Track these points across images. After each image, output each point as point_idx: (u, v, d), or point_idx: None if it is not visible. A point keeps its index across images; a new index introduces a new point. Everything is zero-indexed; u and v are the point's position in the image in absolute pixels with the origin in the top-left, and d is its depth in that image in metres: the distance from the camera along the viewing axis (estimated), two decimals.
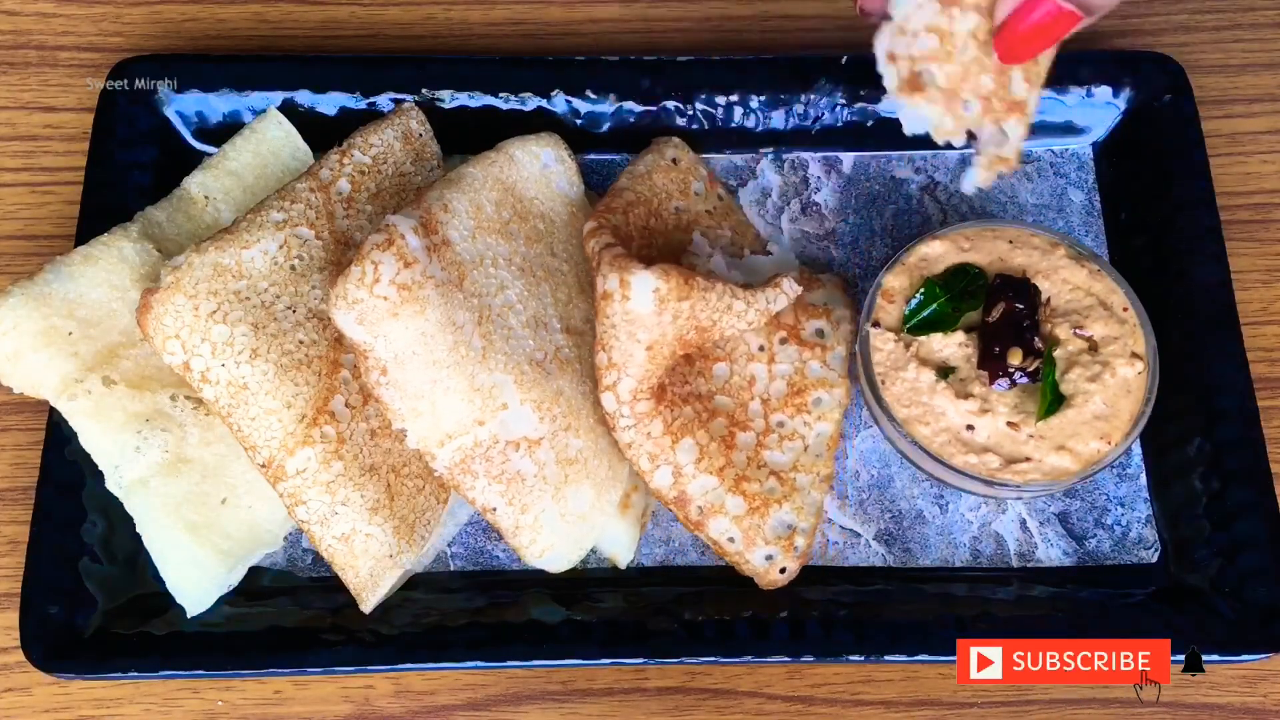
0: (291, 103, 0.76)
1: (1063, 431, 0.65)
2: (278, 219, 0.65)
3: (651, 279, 0.60)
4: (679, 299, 0.61)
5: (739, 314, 0.65)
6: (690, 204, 0.74)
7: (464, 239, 0.64)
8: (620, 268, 0.61)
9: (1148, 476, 0.71)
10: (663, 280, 0.60)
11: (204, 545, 0.63)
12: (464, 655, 0.63)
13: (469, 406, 0.61)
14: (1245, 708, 0.67)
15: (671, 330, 0.62)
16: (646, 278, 0.60)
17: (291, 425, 0.61)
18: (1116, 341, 0.66)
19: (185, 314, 0.61)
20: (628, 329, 0.62)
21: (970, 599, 0.66)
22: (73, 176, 0.77)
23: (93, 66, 0.82)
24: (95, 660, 0.63)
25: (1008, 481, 0.64)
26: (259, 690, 0.67)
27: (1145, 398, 0.65)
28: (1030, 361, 0.65)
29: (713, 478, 0.65)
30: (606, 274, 0.61)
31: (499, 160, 0.69)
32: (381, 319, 0.58)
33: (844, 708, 0.67)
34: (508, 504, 0.62)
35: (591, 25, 0.85)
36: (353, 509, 0.62)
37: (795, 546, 0.66)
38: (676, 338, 0.63)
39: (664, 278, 0.60)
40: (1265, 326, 0.76)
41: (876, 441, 0.72)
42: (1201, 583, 0.67)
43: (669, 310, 0.61)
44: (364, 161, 0.69)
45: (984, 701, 0.67)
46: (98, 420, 0.63)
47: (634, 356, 0.62)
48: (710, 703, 0.67)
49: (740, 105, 0.77)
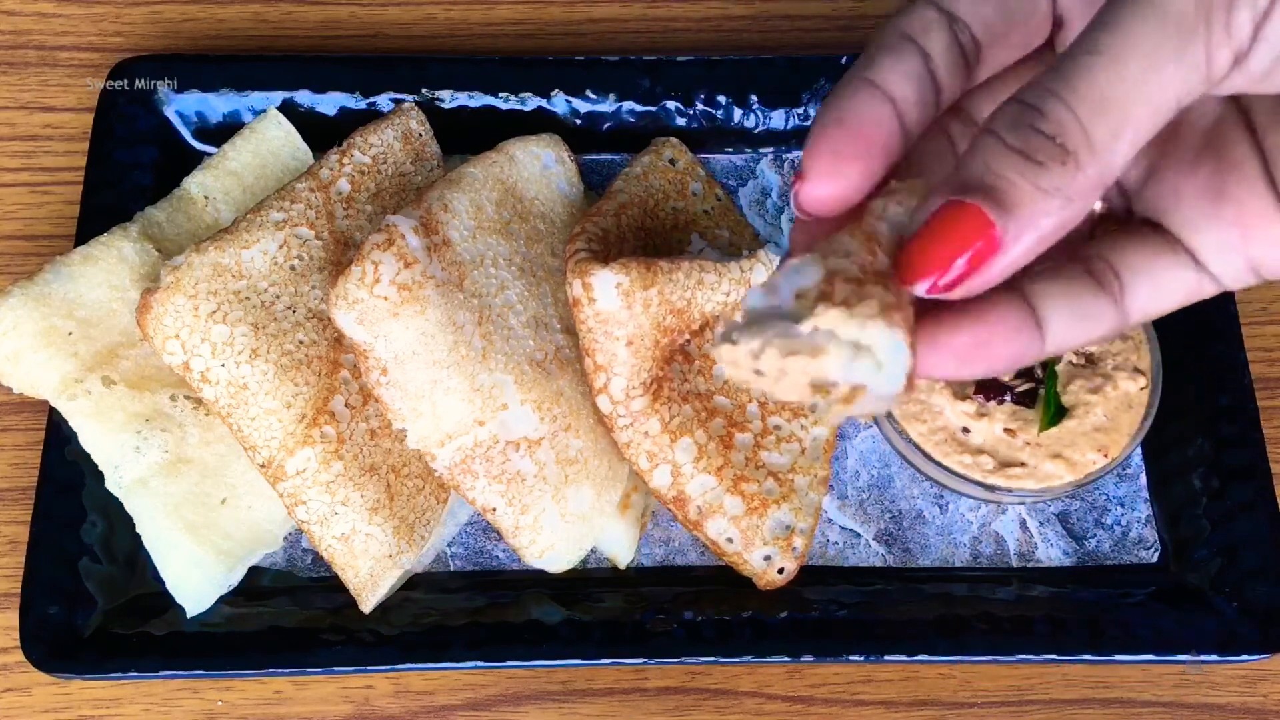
0: (291, 103, 0.76)
1: (1060, 440, 0.65)
2: (277, 219, 0.65)
3: (611, 275, 0.60)
4: (644, 287, 0.61)
5: (711, 286, 0.64)
6: (688, 204, 0.74)
7: (464, 239, 0.64)
8: (580, 271, 0.61)
9: (1148, 476, 0.71)
10: (623, 274, 0.60)
11: (204, 545, 0.63)
12: (464, 655, 0.63)
13: (469, 406, 0.61)
14: (1245, 708, 0.67)
15: (647, 320, 0.62)
16: (606, 275, 0.60)
17: (291, 425, 0.61)
18: (1119, 355, 0.66)
19: (185, 314, 0.61)
20: (603, 329, 0.62)
21: (970, 599, 0.66)
22: (72, 176, 0.77)
23: (92, 66, 0.82)
24: (95, 660, 0.63)
25: (1000, 485, 0.64)
26: (259, 690, 0.67)
27: (1145, 413, 0.65)
28: (1021, 382, 0.65)
29: (711, 477, 0.65)
30: (570, 280, 0.61)
31: (500, 160, 0.69)
32: (382, 319, 0.58)
33: (844, 708, 0.67)
34: (508, 504, 0.62)
35: (591, 25, 0.85)
36: (353, 509, 0.62)
37: (794, 547, 0.66)
38: (655, 326, 0.63)
39: (624, 270, 0.60)
40: (1265, 326, 0.76)
41: (876, 442, 0.72)
42: (1201, 583, 0.67)
43: (637, 301, 0.61)
44: (364, 161, 0.69)
45: (984, 701, 0.67)
46: (97, 420, 0.63)
47: (617, 355, 0.62)
48: (710, 703, 0.67)
49: (740, 105, 0.77)
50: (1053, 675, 0.68)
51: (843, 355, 0.36)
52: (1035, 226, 0.37)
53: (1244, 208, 0.42)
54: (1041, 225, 0.37)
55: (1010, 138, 0.37)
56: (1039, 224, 0.37)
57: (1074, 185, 0.36)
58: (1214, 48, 0.35)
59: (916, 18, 0.44)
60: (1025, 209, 0.37)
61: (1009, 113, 0.37)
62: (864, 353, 0.36)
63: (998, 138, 0.37)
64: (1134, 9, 0.35)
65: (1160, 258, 0.43)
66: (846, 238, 0.39)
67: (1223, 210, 0.42)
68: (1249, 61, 0.36)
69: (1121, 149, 0.36)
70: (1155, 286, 0.43)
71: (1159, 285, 0.43)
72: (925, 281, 0.38)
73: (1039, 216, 0.37)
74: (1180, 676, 0.68)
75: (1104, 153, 0.36)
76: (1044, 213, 0.37)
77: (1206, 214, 0.42)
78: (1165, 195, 0.44)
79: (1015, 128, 0.36)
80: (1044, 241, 0.38)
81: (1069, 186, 0.36)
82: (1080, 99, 0.36)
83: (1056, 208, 0.37)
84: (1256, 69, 0.37)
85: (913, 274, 0.38)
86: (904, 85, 0.41)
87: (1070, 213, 0.37)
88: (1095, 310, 0.42)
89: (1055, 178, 0.36)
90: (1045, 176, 0.36)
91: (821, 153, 0.41)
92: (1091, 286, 0.42)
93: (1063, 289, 0.42)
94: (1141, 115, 0.36)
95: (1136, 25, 0.35)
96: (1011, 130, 0.37)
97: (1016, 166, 0.36)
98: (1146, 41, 0.35)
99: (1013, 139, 0.37)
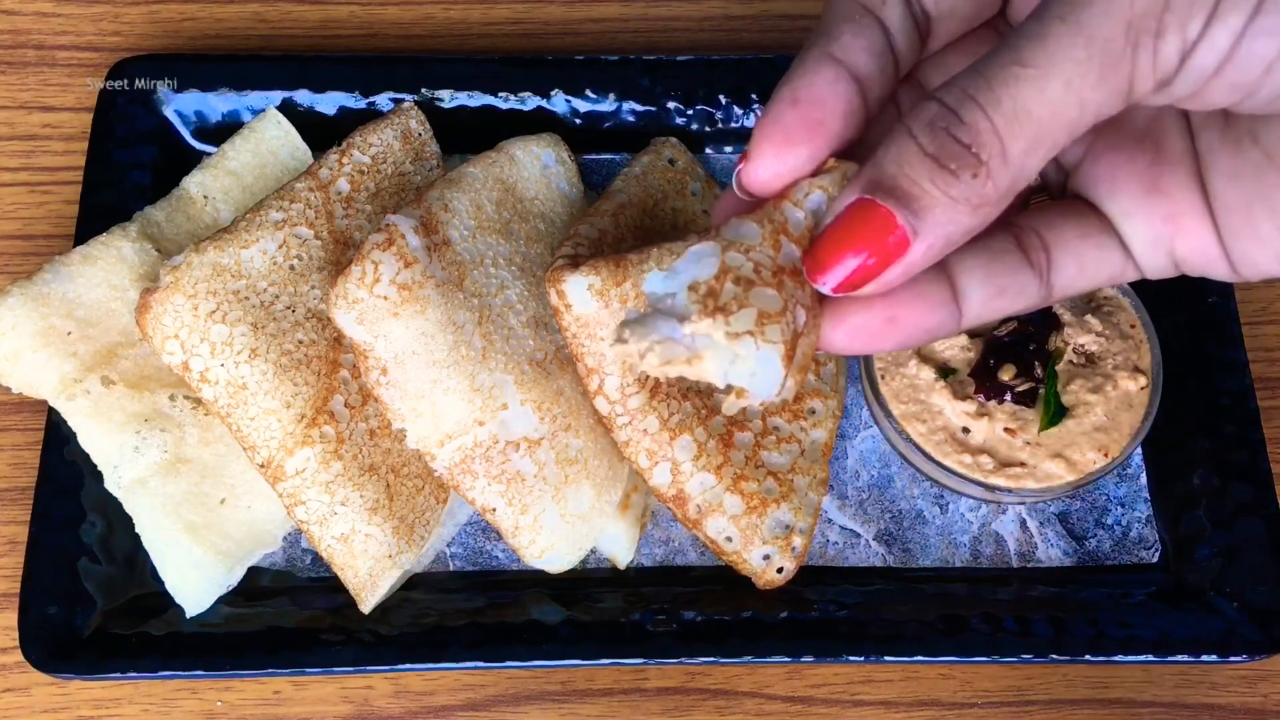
0: (290, 102, 0.76)
1: (1060, 440, 0.65)
2: (277, 219, 0.65)
3: (581, 278, 0.60)
4: (617, 284, 0.61)
5: None
6: (687, 204, 0.74)
7: (464, 239, 0.64)
8: (554, 280, 0.61)
9: (1148, 476, 0.71)
10: (593, 275, 0.60)
11: (203, 545, 0.63)
12: (463, 655, 0.63)
13: (469, 406, 0.61)
14: (1245, 708, 0.67)
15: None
16: (576, 279, 0.60)
17: (290, 425, 0.61)
18: (1120, 355, 0.66)
19: (184, 314, 0.61)
20: (586, 332, 0.62)
21: (970, 599, 0.66)
22: (72, 176, 0.77)
23: (91, 66, 0.82)
24: (94, 660, 0.63)
25: (1000, 485, 0.64)
26: (258, 690, 0.67)
27: (1146, 413, 0.65)
28: (1021, 382, 0.65)
29: (711, 475, 0.65)
30: (547, 290, 0.61)
31: (500, 160, 0.68)
32: (382, 318, 0.58)
33: (844, 708, 0.67)
34: (508, 504, 0.62)
35: (591, 25, 0.85)
36: (352, 509, 0.62)
37: (793, 547, 0.66)
38: None
39: (593, 272, 0.60)
40: (1265, 326, 0.76)
41: (876, 442, 0.72)
42: (1201, 583, 0.67)
43: (613, 298, 0.61)
44: (363, 161, 0.69)
45: (984, 702, 0.67)
46: (97, 420, 0.63)
47: (605, 355, 0.62)
48: (710, 703, 0.67)
49: (740, 105, 0.77)
50: (1053, 675, 0.68)
51: (719, 361, 0.37)
52: (943, 233, 0.37)
53: (1175, 204, 0.42)
54: (949, 232, 0.37)
55: (927, 141, 0.37)
56: (947, 231, 0.37)
57: (984, 195, 0.37)
58: (1138, 75, 0.36)
59: None
60: (934, 215, 0.37)
61: (928, 113, 0.37)
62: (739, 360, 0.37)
63: (914, 140, 0.37)
64: (1064, 27, 0.35)
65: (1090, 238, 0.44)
66: (755, 226, 0.40)
67: (1155, 203, 0.43)
68: (1173, 86, 0.37)
69: (1033, 163, 0.37)
70: (1081, 266, 0.44)
71: (1084, 264, 0.44)
72: (828, 277, 0.39)
73: (947, 224, 0.37)
74: (1180, 676, 0.68)
75: (1016, 165, 0.37)
76: (952, 220, 0.37)
77: (1140, 203, 0.43)
78: (1102, 178, 0.44)
79: (933, 131, 0.37)
80: (950, 245, 0.38)
81: (978, 195, 0.37)
82: (1000, 110, 0.36)
83: (965, 215, 0.37)
84: (1181, 92, 0.37)
85: (818, 269, 0.39)
86: (867, 60, 0.41)
87: (978, 220, 0.38)
88: (1018, 284, 0.43)
89: (966, 187, 0.37)
90: (957, 186, 0.37)
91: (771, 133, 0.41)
92: (1017, 260, 0.43)
93: (986, 262, 0.42)
94: (1058, 131, 0.36)
95: (1064, 47, 0.35)
96: (929, 133, 0.37)
97: (930, 173, 0.37)
98: (1071, 64, 0.35)
99: (929, 143, 0.37)
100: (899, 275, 0.39)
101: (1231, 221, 0.42)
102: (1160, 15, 0.35)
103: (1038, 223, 0.44)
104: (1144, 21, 0.35)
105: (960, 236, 0.38)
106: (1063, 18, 0.35)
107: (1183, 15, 0.35)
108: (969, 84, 0.37)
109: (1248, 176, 0.41)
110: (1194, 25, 0.35)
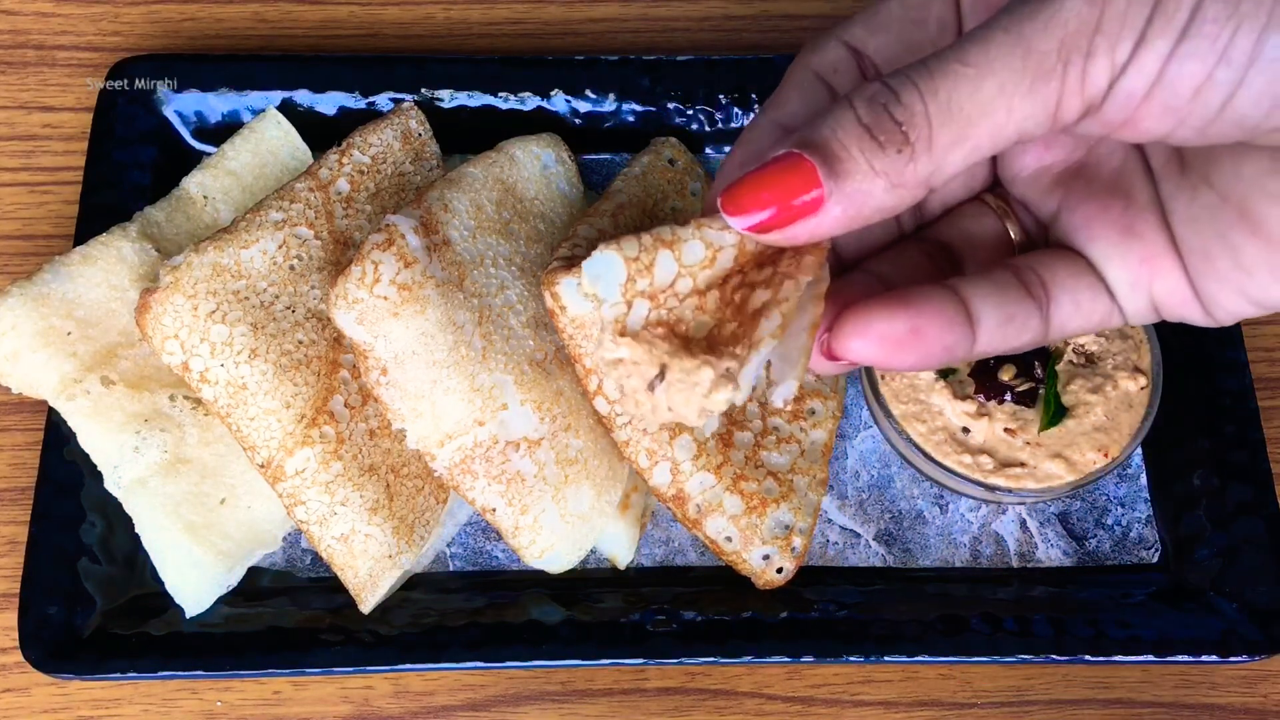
0: (290, 102, 0.76)
1: (1060, 440, 0.65)
2: (277, 219, 0.65)
3: (573, 280, 0.60)
4: None
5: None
6: (687, 204, 0.74)
7: (464, 239, 0.64)
8: (549, 281, 0.61)
9: (1148, 476, 0.71)
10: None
11: (203, 545, 0.63)
12: (463, 656, 0.63)
13: (469, 406, 0.61)
14: (1245, 708, 0.67)
15: None
16: (569, 281, 0.60)
17: (290, 425, 0.61)
18: (1120, 355, 0.66)
19: (184, 314, 0.61)
20: (582, 334, 0.61)
21: (970, 599, 0.66)
22: (71, 176, 0.77)
23: (91, 66, 0.82)
24: (94, 661, 0.63)
25: (1000, 485, 0.64)
26: (258, 691, 0.67)
27: (1146, 413, 0.65)
28: (1021, 382, 0.65)
29: (710, 475, 0.65)
30: (542, 293, 0.61)
31: (500, 160, 0.68)
32: (382, 319, 0.58)
33: (844, 708, 0.67)
34: (507, 504, 0.62)
35: (591, 25, 0.85)
36: (352, 509, 0.62)
37: (793, 547, 0.66)
38: None
39: None
40: (1265, 326, 0.76)
41: (876, 442, 0.72)
42: (1201, 583, 0.67)
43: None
44: (363, 161, 0.69)
45: (984, 702, 0.67)
46: (96, 420, 0.63)
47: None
48: (710, 703, 0.67)
49: (740, 105, 0.77)
50: (1053, 675, 0.68)
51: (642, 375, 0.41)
52: (856, 201, 0.39)
53: (1149, 246, 0.45)
54: (861, 202, 0.39)
55: (864, 112, 0.39)
56: (859, 201, 0.39)
57: (903, 175, 0.39)
58: (1066, 93, 0.37)
59: (827, 55, 0.47)
60: (853, 181, 0.39)
61: (870, 90, 0.39)
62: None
63: (853, 109, 0.39)
64: (1006, 37, 0.37)
65: (1083, 278, 0.46)
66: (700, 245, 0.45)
67: (1131, 245, 0.45)
68: (1103, 111, 0.38)
69: (955, 159, 0.39)
70: (1077, 304, 0.46)
71: (1080, 302, 0.46)
72: (743, 218, 0.41)
73: (863, 194, 0.39)
74: (1180, 676, 0.68)
75: (939, 155, 0.38)
76: (868, 191, 0.39)
77: (1118, 246, 0.45)
78: (1080, 225, 0.46)
79: (871, 105, 0.39)
80: (858, 220, 0.40)
81: (898, 174, 0.39)
82: (936, 100, 0.38)
83: (880, 189, 0.39)
84: (1114, 118, 0.38)
85: (736, 209, 0.41)
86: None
87: (891, 200, 0.39)
88: (1023, 316, 0.45)
89: (889, 162, 0.38)
90: (881, 158, 0.39)
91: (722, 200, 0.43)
92: (1021, 293, 0.45)
93: (995, 290, 0.44)
94: (982, 134, 0.38)
95: (1002, 52, 0.37)
96: (866, 106, 0.39)
97: (859, 140, 0.39)
98: (1006, 71, 0.37)
99: (865, 114, 0.39)
100: (805, 234, 0.40)
101: (1196, 263, 0.44)
102: (1091, 37, 0.36)
103: (1034, 262, 0.46)
104: (1076, 40, 0.36)
105: (870, 213, 0.40)
106: (1006, 28, 0.37)
107: (1112, 38, 0.36)
108: (913, 71, 0.39)
109: (1205, 219, 0.43)
110: (1123, 49, 0.36)
